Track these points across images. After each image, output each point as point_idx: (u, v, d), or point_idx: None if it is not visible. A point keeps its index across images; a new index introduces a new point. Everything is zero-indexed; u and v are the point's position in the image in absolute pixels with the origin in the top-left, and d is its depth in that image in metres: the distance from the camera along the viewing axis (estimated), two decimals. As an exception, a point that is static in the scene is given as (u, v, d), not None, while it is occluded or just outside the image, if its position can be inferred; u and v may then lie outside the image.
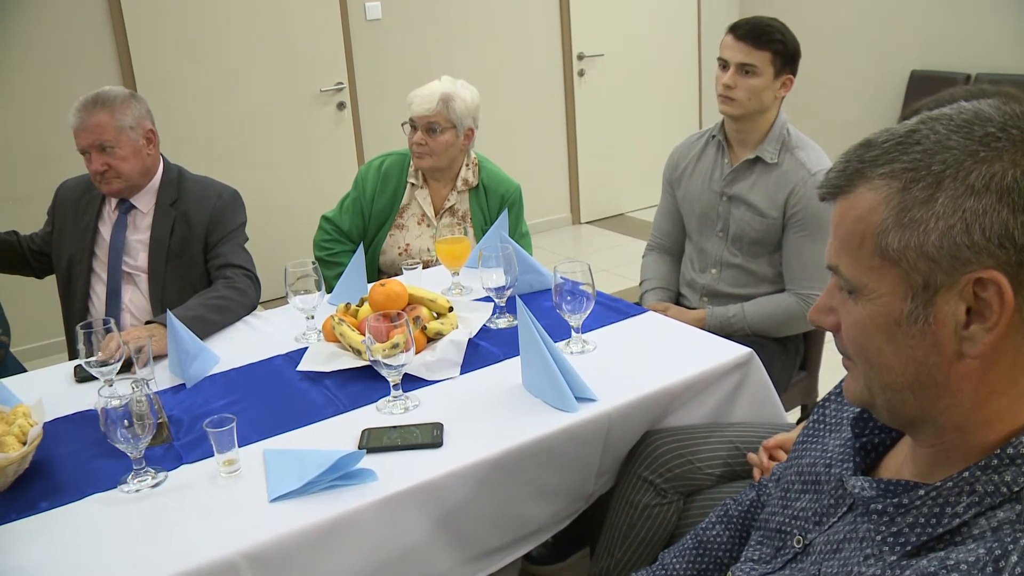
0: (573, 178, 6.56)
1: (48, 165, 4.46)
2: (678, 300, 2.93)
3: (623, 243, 6.16)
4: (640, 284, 3.01)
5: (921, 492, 0.95)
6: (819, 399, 2.82)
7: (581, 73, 6.31)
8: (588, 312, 2.11)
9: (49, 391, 2.24)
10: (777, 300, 2.67)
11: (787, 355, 2.74)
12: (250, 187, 3.51)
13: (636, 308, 2.45)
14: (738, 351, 2.11)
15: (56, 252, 2.92)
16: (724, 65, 2.63)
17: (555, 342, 1.98)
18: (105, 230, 2.84)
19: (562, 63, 6.27)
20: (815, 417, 1.32)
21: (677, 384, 2.01)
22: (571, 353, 2.13)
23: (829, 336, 2.66)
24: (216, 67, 5.09)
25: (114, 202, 2.83)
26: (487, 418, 1.88)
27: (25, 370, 2.76)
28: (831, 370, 3.05)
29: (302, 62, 5.32)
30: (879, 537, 0.97)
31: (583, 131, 6.45)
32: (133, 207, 2.82)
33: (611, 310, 2.41)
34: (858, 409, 1.13)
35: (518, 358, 2.03)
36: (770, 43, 2.56)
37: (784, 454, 1.81)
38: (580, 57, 6.27)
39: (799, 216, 2.59)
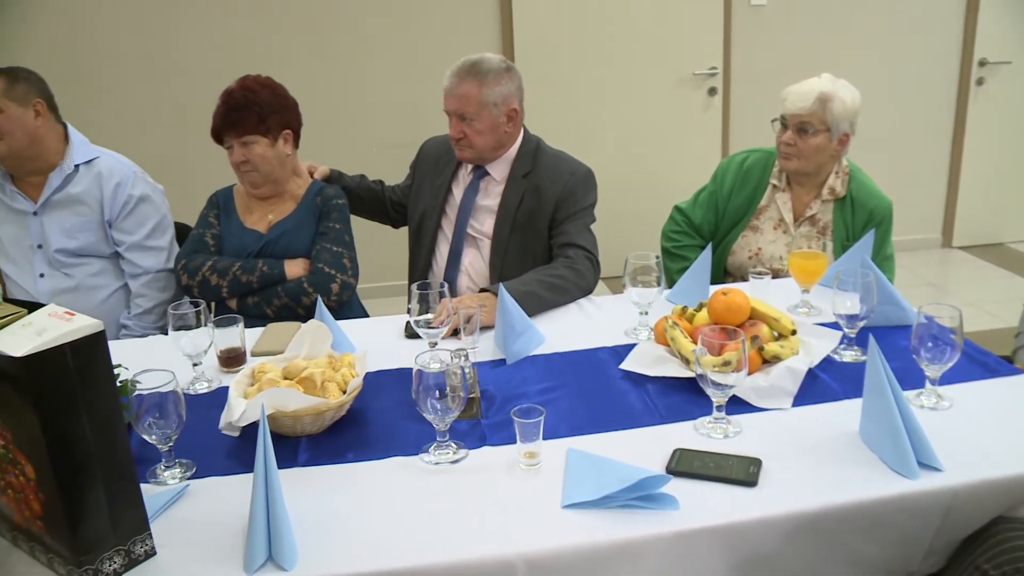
0: (951, 197, 5.97)
1: (418, 118, 4.67)
2: (1062, 363, 2.53)
3: (998, 276, 5.54)
4: (1016, 336, 2.62)
5: None
6: None
7: (980, 81, 5.69)
8: (950, 364, 1.83)
9: (379, 341, 2.32)
10: None
11: None
12: (604, 165, 3.45)
13: (1008, 367, 2.10)
14: None
15: (412, 205, 3.02)
16: None
17: (904, 390, 1.72)
18: (458, 191, 2.89)
19: (959, 68, 5.68)
20: None
21: (1046, 470, 1.69)
22: (921, 407, 1.86)
23: None
24: (592, 40, 5.10)
25: (470, 166, 2.87)
26: (812, 464, 1.68)
27: (367, 315, 2.87)
28: None
29: (678, 42, 5.20)
30: None
31: (972, 146, 5.82)
32: (487, 173, 2.84)
33: (976, 364, 2.09)
34: None
35: (859, 400, 1.79)
36: None
37: None
38: (982, 63, 5.64)
39: None
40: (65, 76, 3.41)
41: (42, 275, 2.86)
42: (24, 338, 1.30)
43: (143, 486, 1.64)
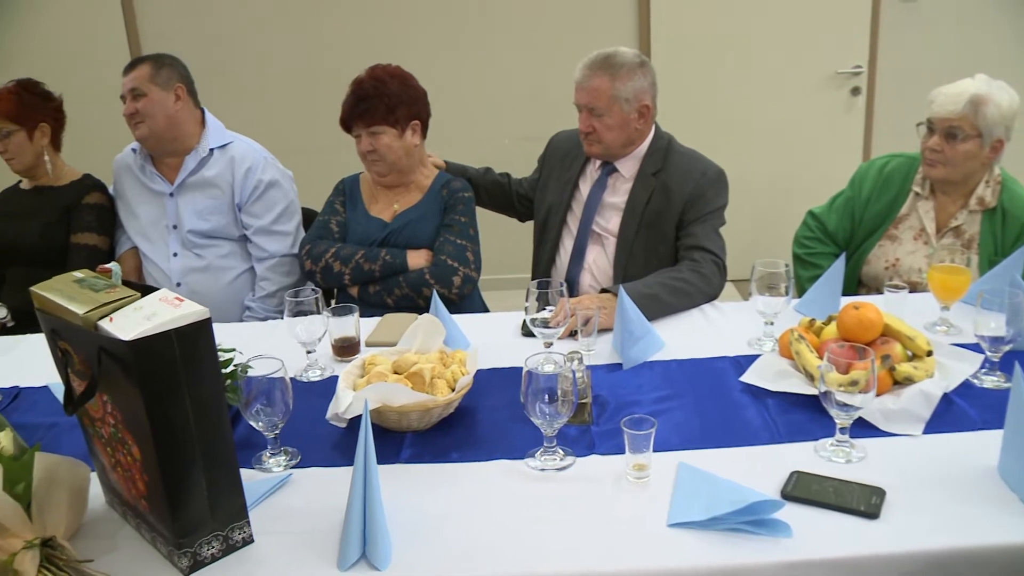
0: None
1: (551, 111, 4.62)
2: None
3: None
4: None
5: None
6: None
7: None
8: (1107, 398, 1.68)
9: (494, 339, 2.29)
10: None
11: None
12: (738, 165, 3.34)
13: None
14: None
15: (539, 199, 2.98)
16: None
17: (1052, 424, 1.59)
18: (584, 187, 2.84)
19: None
20: None
21: None
22: (1070, 444, 1.72)
23: None
24: (730, 35, 4.96)
25: (598, 161, 2.81)
26: (941, 499, 1.55)
27: (487, 310, 2.85)
28: None
29: (821, 38, 5.00)
30: None
31: None
32: (615, 170, 2.78)
33: None
34: None
35: (1000, 432, 1.65)
36: None
37: None
38: None
39: None
40: (205, 65, 3.49)
41: (175, 254, 2.94)
42: (134, 322, 1.31)
43: (247, 472, 1.67)
